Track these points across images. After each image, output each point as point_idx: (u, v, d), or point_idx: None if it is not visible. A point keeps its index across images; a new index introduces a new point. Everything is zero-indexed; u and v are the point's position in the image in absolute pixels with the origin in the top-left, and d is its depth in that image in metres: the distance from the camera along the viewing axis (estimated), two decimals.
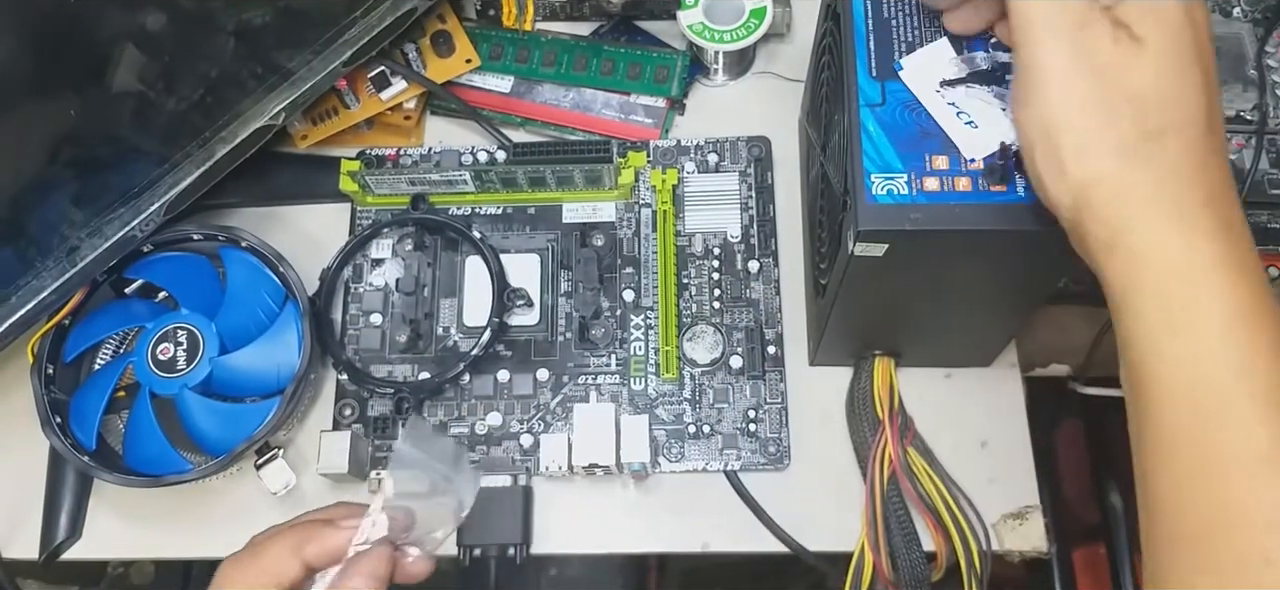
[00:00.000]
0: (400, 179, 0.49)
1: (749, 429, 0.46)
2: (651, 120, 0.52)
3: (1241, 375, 0.28)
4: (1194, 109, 0.29)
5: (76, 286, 0.44)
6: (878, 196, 0.34)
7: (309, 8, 0.46)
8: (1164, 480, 0.29)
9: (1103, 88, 0.29)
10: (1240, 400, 0.28)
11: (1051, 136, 0.30)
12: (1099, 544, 0.80)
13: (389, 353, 0.48)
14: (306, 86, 0.46)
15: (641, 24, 0.55)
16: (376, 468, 0.46)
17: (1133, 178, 0.29)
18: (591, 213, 0.50)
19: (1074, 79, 0.29)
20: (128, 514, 0.46)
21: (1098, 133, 0.29)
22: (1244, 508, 0.28)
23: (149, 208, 0.45)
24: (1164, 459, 0.29)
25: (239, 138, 0.46)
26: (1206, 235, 0.29)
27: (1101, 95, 0.29)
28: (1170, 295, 0.29)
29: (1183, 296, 0.29)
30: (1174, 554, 0.29)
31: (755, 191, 0.50)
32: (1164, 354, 0.29)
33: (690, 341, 0.47)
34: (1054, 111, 0.30)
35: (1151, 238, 0.29)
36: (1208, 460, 0.28)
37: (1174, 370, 0.29)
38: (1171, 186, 0.29)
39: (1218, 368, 0.28)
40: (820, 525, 0.44)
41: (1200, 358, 0.29)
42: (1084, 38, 0.29)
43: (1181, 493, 0.29)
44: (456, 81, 0.53)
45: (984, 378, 0.47)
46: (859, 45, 0.36)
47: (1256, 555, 0.27)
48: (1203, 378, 0.29)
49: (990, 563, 0.43)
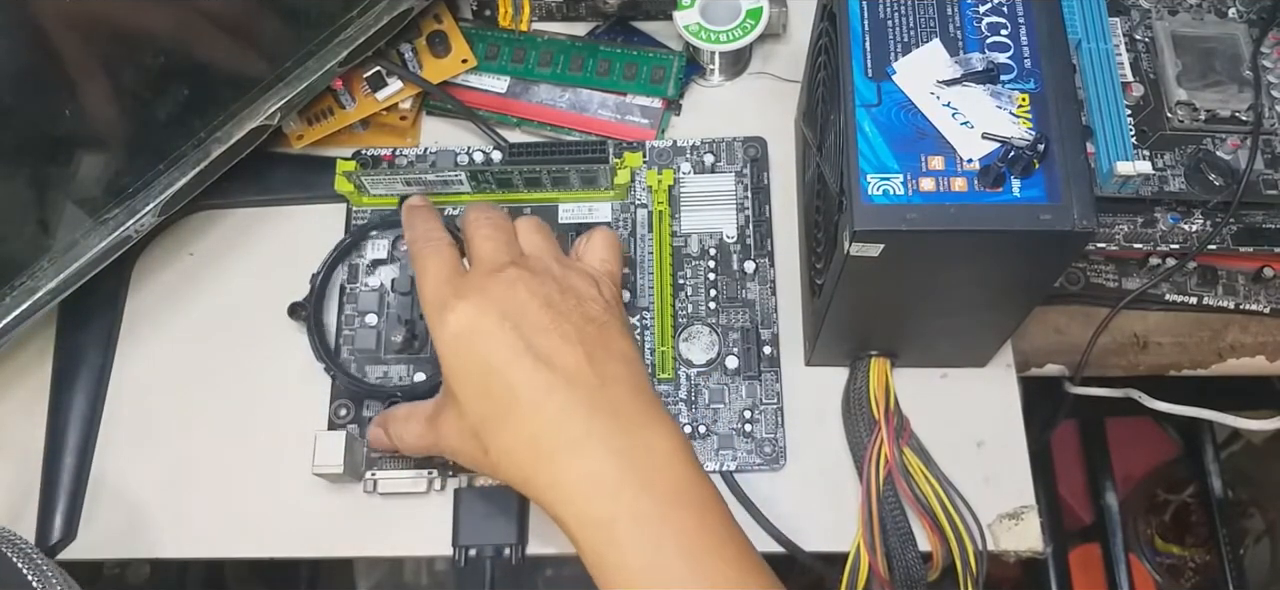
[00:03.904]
0: (396, 179, 0.49)
1: (745, 429, 0.46)
2: (647, 121, 0.52)
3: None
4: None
5: (71, 286, 0.44)
6: (873, 197, 0.34)
7: (305, 8, 0.46)
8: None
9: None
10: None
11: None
12: (1094, 544, 0.81)
13: (384, 353, 0.48)
14: (302, 87, 0.46)
15: (638, 24, 0.55)
16: (372, 468, 0.45)
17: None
18: (587, 213, 0.50)
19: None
20: (124, 515, 0.46)
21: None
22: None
23: (144, 208, 0.44)
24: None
25: (234, 138, 0.46)
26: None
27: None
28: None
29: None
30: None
31: (751, 192, 0.50)
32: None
33: (686, 342, 0.47)
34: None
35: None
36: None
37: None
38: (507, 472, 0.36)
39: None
40: (816, 525, 0.44)
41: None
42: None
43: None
44: (452, 82, 0.52)
45: (980, 378, 0.47)
46: (855, 46, 0.36)
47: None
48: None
49: (986, 563, 0.43)
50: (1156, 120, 0.46)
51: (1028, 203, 0.33)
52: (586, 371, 0.36)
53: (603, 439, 0.35)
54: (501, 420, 0.36)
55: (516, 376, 0.35)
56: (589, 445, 0.35)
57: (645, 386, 0.37)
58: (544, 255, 0.40)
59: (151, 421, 0.48)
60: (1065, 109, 0.35)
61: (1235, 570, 0.76)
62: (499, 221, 0.41)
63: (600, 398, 0.35)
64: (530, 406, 0.35)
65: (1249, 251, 0.47)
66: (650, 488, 0.34)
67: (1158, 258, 0.48)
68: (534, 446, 0.35)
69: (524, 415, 0.35)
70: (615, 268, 0.42)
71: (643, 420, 0.36)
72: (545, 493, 0.35)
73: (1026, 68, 0.36)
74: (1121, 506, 0.80)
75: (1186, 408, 0.49)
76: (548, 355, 0.36)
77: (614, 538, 0.34)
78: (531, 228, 0.42)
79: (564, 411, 0.35)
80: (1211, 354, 0.50)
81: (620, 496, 0.34)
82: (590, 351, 0.36)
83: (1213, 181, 0.45)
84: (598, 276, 0.40)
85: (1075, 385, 0.50)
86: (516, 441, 0.35)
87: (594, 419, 0.35)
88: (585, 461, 0.34)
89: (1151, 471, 0.84)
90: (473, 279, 0.38)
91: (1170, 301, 0.49)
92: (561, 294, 0.38)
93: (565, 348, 0.36)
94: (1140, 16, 0.48)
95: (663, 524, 0.34)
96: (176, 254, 0.51)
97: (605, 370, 0.36)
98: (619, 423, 0.35)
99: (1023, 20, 0.36)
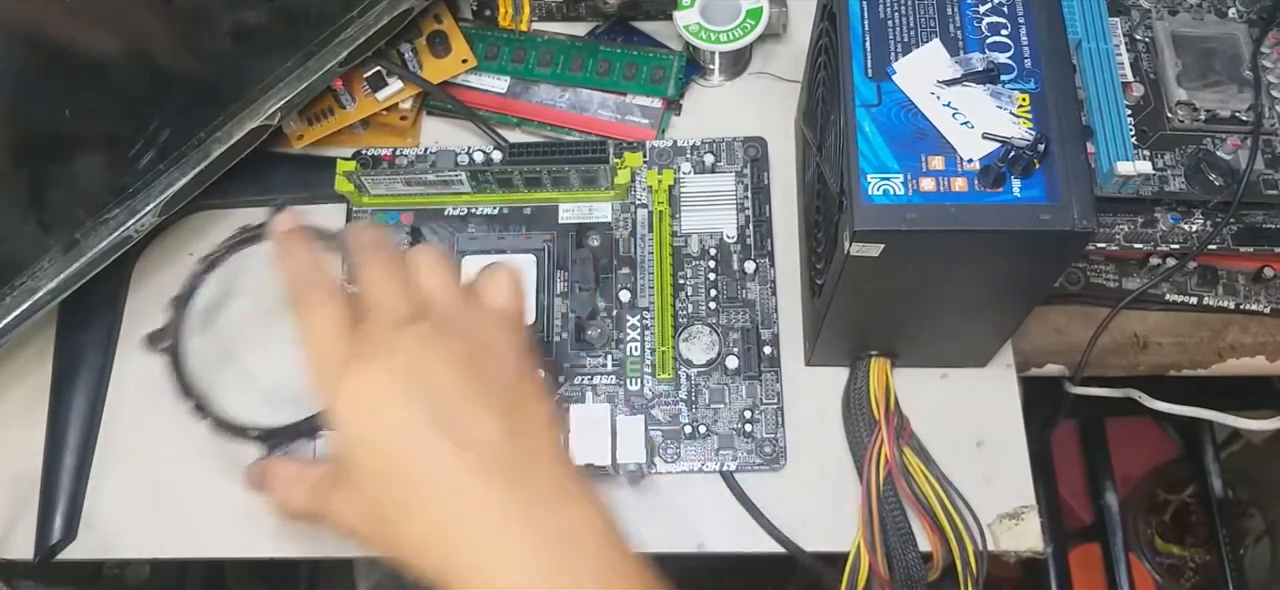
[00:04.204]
0: (396, 179, 0.49)
1: (745, 429, 0.46)
2: (648, 121, 0.52)
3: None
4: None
5: (71, 286, 0.44)
6: (874, 197, 0.34)
7: (305, 7, 0.46)
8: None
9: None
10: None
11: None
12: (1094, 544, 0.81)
13: None
14: (303, 87, 0.46)
15: (638, 24, 0.55)
16: None
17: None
18: (588, 213, 0.50)
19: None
20: (124, 515, 0.46)
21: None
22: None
23: (144, 208, 0.44)
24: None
25: (234, 138, 0.46)
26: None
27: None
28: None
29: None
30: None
31: (751, 192, 0.50)
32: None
33: (686, 342, 0.47)
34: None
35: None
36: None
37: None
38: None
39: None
40: (816, 525, 0.44)
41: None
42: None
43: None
44: (453, 82, 0.52)
45: (980, 378, 0.47)
46: (855, 46, 0.36)
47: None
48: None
49: (986, 563, 0.43)
50: (1156, 120, 0.46)
51: (1028, 203, 0.33)
52: (505, 446, 0.32)
53: (525, 525, 0.31)
54: (410, 507, 0.32)
55: (428, 459, 0.32)
56: (510, 533, 0.31)
57: (564, 455, 0.35)
58: (449, 301, 0.36)
59: (151, 421, 0.48)
60: (1065, 109, 0.35)
61: (1235, 570, 0.76)
62: (395, 260, 0.36)
63: (520, 476, 0.32)
64: (443, 491, 0.31)
65: (1249, 251, 0.47)
66: (577, 579, 0.31)
67: (1158, 258, 0.48)
68: (447, 536, 0.31)
69: (436, 502, 0.32)
70: (521, 309, 0.38)
71: (565, 497, 0.33)
72: (461, 587, 0.31)
73: (1027, 68, 0.36)
74: (1121, 506, 0.80)
75: (1186, 408, 0.50)
76: (463, 431, 0.32)
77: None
78: (431, 263, 0.36)
79: (481, 496, 0.31)
80: (1211, 354, 0.50)
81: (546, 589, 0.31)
82: (509, 422, 0.33)
83: (1213, 181, 0.45)
84: (509, 322, 0.36)
85: (1075, 385, 0.50)
86: (427, 530, 0.32)
87: (514, 501, 0.32)
88: (506, 551, 0.31)
89: (1151, 471, 0.84)
90: (373, 336, 0.33)
91: (1170, 301, 0.49)
92: (476, 351, 0.34)
93: (483, 420, 0.32)
94: (1140, 16, 0.48)
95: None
96: (176, 254, 0.51)
97: (524, 443, 0.33)
98: (541, 503, 0.32)
99: (1023, 20, 0.36)
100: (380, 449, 0.32)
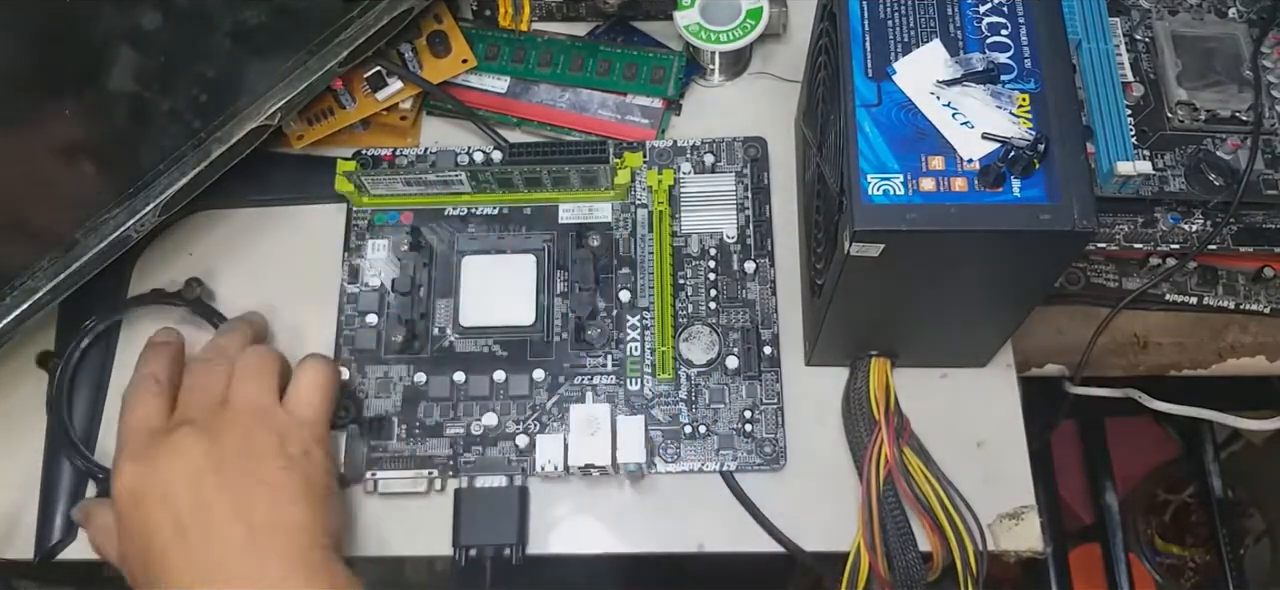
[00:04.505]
0: (396, 179, 0.49)
1: (745, 430, 0.46)
2: (648, 121, 0.52)
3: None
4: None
5: (71, 286, 0.44)
6: (874, 197, 0.34)
7: (305, 7, 0.46)
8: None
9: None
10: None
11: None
12: (1094, 544, 0.81)
13: (384, 353, 0.48)
14: (303, 87, 0.46)
15: (638, 24, 0.55)
16: (372, 469, 0.45)
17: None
18: (588, 213, 0.50)
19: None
20: None
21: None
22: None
23: (144, 208, 0.44)
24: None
25: (234, 138, 0.45)
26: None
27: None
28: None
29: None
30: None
31: (751, 192, 0.50)
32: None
33: (686, 342, 0.47)
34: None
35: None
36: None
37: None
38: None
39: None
40: (816, 525, 0.45)
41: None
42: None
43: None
44: (453, 82, 0.52)
45: (980, 378, 0.47)
46: (855, 46, 0.36)
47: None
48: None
49: (986, 563, 0.43)
50: (1156, 120, 0.46)
51: (1028, 203, 0.33)
52: (244, 549, 0.37)
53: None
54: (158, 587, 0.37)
55: (171, 557, 0.37)
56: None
57: (308, 555, 0.38)
58: (246, 407, 0.40)
59: None
60: (1065, 109, 0.35)
61: (1235, 570, 0.76)
62: (213, 368, 0.42)
63: (257, 575, 0.36)
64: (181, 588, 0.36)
65: (1249, 251, 0.47)
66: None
67: (1158, 258, 0.48)
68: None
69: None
70: (320, 412, 0.42)
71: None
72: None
73: (1026, 68, 0.36)
74: (1121, 506, 0.80)
75: (1186, 408, 0.50)
76: (204, 533, 0.37)
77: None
78: (251, 373, 0.42)
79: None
80: (1211, 354, 0.50)
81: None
82: (250, 526, 0.37)
83: (1213, 181, 0.45)
84: (292, 428, 0.40)
85: (1075, 385, 0.50)
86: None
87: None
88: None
89: (1151, 471, 0.84)
90: (150, 439, 0.39)
91: (1170, 301, 0.49)
92: (236, 456, 0.39)
93: (225, 524, 0.37)
94: (1140, 16, 0.48)
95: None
96: (176, 254, 0.51)
97: (265, 542, 0.37)
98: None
99: (1023, 20, 0.36)
100: (136, 537, 0.38)
